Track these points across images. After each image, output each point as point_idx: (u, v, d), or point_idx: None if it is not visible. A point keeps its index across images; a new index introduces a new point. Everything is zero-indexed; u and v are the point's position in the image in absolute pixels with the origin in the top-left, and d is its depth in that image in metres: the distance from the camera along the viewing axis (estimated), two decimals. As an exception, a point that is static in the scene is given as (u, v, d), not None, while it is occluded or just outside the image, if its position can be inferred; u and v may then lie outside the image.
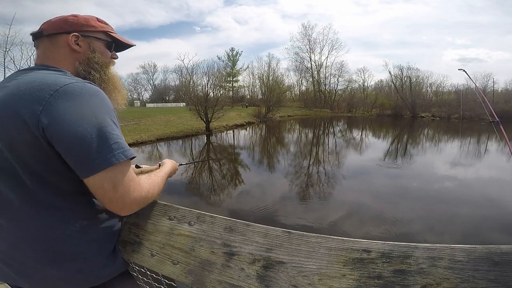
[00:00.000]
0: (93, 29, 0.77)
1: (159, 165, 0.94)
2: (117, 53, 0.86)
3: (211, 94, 21.13)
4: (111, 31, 0.82)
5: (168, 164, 0.93)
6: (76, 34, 0.74)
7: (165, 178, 0.84)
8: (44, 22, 0.76)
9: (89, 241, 0.67)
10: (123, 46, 0.87)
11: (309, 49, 53.96)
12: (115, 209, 0.63)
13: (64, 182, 0.64)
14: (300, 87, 57.63)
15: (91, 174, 0.58)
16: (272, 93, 35.01)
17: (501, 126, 3.47)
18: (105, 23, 0.81)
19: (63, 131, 0.57)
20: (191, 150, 15.35)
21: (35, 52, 0.78)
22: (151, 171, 0.89)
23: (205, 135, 19.27)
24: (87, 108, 0.60)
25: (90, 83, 0.66)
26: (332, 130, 26.25)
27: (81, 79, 0.68)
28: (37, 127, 0.57)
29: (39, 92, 0.59)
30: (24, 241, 0.63)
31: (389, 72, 50.29)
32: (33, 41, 0.76)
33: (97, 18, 0.80)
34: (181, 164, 1.16)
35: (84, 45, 0.76)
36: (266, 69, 48.98)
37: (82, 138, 0.57)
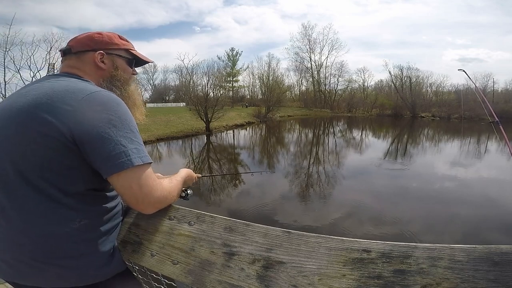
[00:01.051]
0: (116, 47, 0.81)
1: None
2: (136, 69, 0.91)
3: (211, 94, 21.18)
4: (132, 48, 0.86)
5: (184, 172, 0.96)
6: (102, 52, 0.78)
7: (181, 184, 0.87)
8: (72, 39, 0.81)
9: (87, 240, 0.68)
10: (142, 62, 0.92)
11: (309, 49, 54.05)
12: (141, 208, 0.69)
13: (71, 182, 0.66)
14: (300, 87, 57.73)
15: (116, 172, 0.63)
16: (272, 93, 35.05)
17: (501, 126, 3.47)
18: (127, 41, 0.86)
19: (92, 132, 0.62)
20: (191, 150, 15.35)
21: (59, 60, 0.84)
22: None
23: (205, 135, 19.28)
24: (114, 114, 0.65)
25: (113, 93, 0.72)
26: (332, 130, 26.27)
27: (106, 89, 0.73)
28: (66, 126, 0.61)
29: (72, 95, 0.65)
30: (23, 237, 0.64)
31: (389, 72, 50.39)
32: (62, 57, 0.82)
33: (119, 36, 0.84)
34: (201, 176, 1.18)
35: (108, 62, 0.80)
36: (266, 69, 49.07)
37: (109, 139, 0.62)
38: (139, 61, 0.90)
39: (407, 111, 42.22)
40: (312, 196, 7.34)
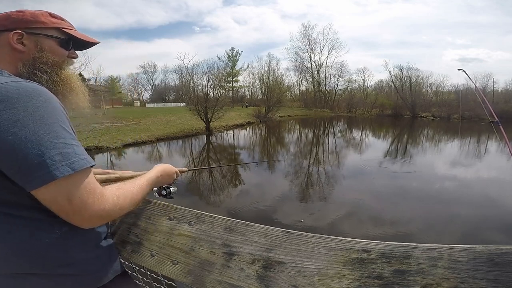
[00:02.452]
0: (42, 25, 0.69)
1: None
2: (80, 51, 0.79)
3: (211, 94, 21.18)
4: (66, 27, 0.73)
5: (156, 169, 0.85)
6: (20, 31, 0.66)
7: (146, 186, 0.76)
8: None
9: (74, 246, 0.64)
10: (86, 44, 0.79)
11: (309, 49, 54.03)
12: (74, 223, 0.58)
13: (20, 197, 0.57)
14: (300, 87, 57.70)
15: (34, 188, 0.51)
16: (272, 93, 35.03)
17: (500, 126, 3.47)
18: (61, 19, 0.73)
19: None
20: (191, 150, 15.35)
21: None
22: (131, 177, 0.82)
23: (205, 135, 19.27)
24: (23, 112, 0.51)
25: (30, 82, 0.59)
26: (332, 130, 26.27)
27: (19, 78, 0.60)
28: None
29: None
30: (7, 251, 0.60)
31: (389, 72, 50.34)
32: None
33: (49, 13, 0.72)
34: (186, 170, 1.08)
35: (30, 43, 0.67)
36: (266, 69, 49.03)
37: (17, 149, 0.50)
38: (80, 42, 0.76)
39: (407, 111, 42.22)
40: (311, 196, 7.34)
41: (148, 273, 0.84)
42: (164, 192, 0.96)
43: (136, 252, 0.76)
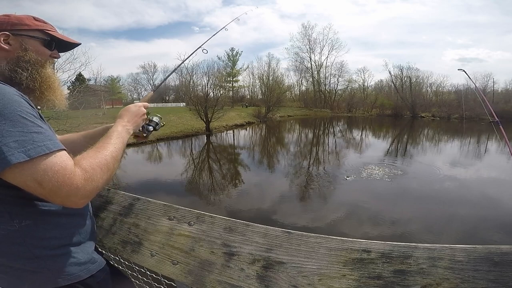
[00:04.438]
0: (26, 27, 0.75)
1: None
2: (63, 53, 0.84)
3: (211, 94, 21.19)
4: (49, 29, 0.79)
5: (121, 119, 0.85)
6: (6, 33, 0.72)
7: (120, 142, 0.75)
8: None
9: (34, 241, 0.65)
10: (68, 45, 0.85)
11: (309, 49, 53.98)
12: (58, 204, 0.61)
13: None
14: (300, 87, 57.65)
15: None
16: (272, 93, 35.02)
17: (501, 126, 3.47)
18: (44, 22, 0.80)
19: None
20: (191, 150, 15.35)
21: None
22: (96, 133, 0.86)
23: (205, 135, 19.28)
24: None
25: None
26: (332, 130, 26.27)
27: None
28: None
29: None
30: None
31: (389, 72, 50.31)
32: None
33: (33, 17, 0.78)
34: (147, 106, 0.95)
35: (15, 43, 0.73)
36: (266, 69, 48.93)
37: None
38: (62, 44, 0.83)
39: (407, 111, 42.20)
40: (311, 196, 7.34)
41: (148, 273, 0.84)
42: (150, 128, 0.92)
43: (136, 252, 0.76)
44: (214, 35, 1.52)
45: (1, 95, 0.58)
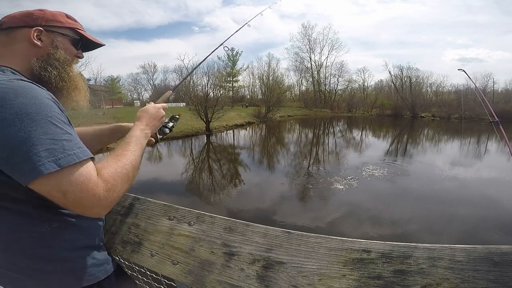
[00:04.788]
0: (59, 24, 0.74)
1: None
2: (86, 52, 0.84)
3: (211, 94, 21.18)
4: (79, 28, 0.78)
5: (140, 122, 0.81)
6: (40, 28, 0.70)
7: (139, 148, 0.72)
8: (5, 16, 0.71)
9: (61, 244, 0.65)
10: (91, 45, 0.84)
11: (309, 49, 53.98)
12: (78, 213, 0.59)
13: (17, 192, 0.59)
14: (300, 87, 57.64)
15: (25, 183, 0.53)
16: (272, 93, 35.00)
17: (501, 126, 3.46)
18: (75, 20, 0.78)
19: None
20: (191, 150, 15.35)
21: None
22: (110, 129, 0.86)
23: (205, 135, 19.28)
24: (8, 110, 0.52)
25: (22, 79, 0.60)
26: (332, 130, 26.27)
27: (11, 76, 0.62)
28: None
29: None
30: None
31: (389, 72, 50.32)
32: None
33: (66, 15, 0.77)
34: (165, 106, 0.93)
35: (47, 40, 0.71)
36: (266, 69, 48.91)
37: (5, 147, 0.51)
38: (87, 44, 0.81)
39: (407, 111, 42.20)
40: (311, 196, 7.34)
41: (148, 273, 0.84)
42: (167, 131, 0.91)
43: (136, 252, 0.76)
44: (236, 31, 1.45)
45: (34, 98, 0.56)
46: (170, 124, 0.92)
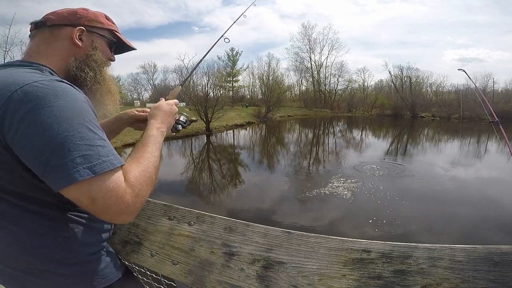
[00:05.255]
0: (100, 25, 0.74)
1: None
2: (115, 55, 0.83)
3: (211, 94, 21.18)
4: (117, 30, 0.78)
5: (156, 121, 0.79)
6: (82, 28, 0.70)
7: (157, 148, 0.70)
8: (50, 12, 0.70)
9: (82, 246, 0.66)
10: (123, 48, 0.84)
11: (309, 49, 53.94)
12: (105, 220, 0.59)
13: (46, 195, 0.59)
14: (300, 87, 57.60)
15: (57, 189, 0.52)
16: (272, 93, 34.99)
17: (501, 126, 3.47)
18: (113, 22, 0.78)
19: (21, 142, 0.51)
20: (191, 150, 15.35)
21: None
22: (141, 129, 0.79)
23: (205, 135, 19.28)
24: (49, 113, 0.51)
25: (62, 81, 0.59)
26: (332, 130, 26.28)
27: (50, 76, 0.61)
28: None
29: None
30: (17, 247, 0.62)
31: (389, 72, 50.28)
32: (31, 31, 0.70)
33: (105, 16, 0.77)
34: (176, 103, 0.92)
35: (87, 40, 0.71)
36: (266, 69, 48.85)
37: (42, 151, 0.50)
38: (120, 46, 0.81)
39: (407, 111, 42.20)
40: (311, 196, 7.34)
41: (148, 273, 0.84)
42: (179, 127, 0.89)
43: (136, 252, 0.76)
44: (234, 22, 1.47)
45: (73, 102, 0.55)
46: (182, 119, 0.90)
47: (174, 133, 0.91)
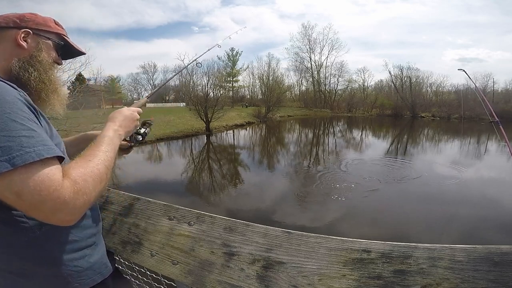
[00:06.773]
0: (48, 29, 0.75)
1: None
2: (65, 60, 0.84)
3: (211, 94, 21.18)
4: (65, 35, 0.79)
5: (113, 123, 0.77)
6: (28, 30, 0.71)
7: (111, 150, 0.68)
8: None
9: (56, 246, 0.64)
10: (72, 54, 0.85)
11: (309, 49, 53.95)
12: (42, 220, 0.52)
13: None
14: (300, 87, 57.60)
15: None
16: (272, 93, 34.99)
17: (501, 126, 3.46)
18: (62, 27, 0.80)
19: None
20: (191, 150, 15.35)
21: None
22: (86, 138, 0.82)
23: (205, 135, 19.28)
24: None
25: None
26: (332, 130, 26.28)
27: None
28: None
29: None
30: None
31: (389, 72, 50.25)
32: None
33: (54, 21, 0.78)
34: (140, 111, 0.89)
35: (32, 42, 0.72)
36: (266, 69, 48.82)
37: None
38: (68, 51, 0.82)
39: (407, 111, 42.18)
40: (311, 196, 7.34)
41: (148, 273, 0.85)
42: (139, 138, 0.87)
43: (136, 252, 0.76)
44: (209, 49, 1.46)
45: (3, 95, 0.53)
46: (142, 130, 0.88)
47: (132, 144, 0.88)
